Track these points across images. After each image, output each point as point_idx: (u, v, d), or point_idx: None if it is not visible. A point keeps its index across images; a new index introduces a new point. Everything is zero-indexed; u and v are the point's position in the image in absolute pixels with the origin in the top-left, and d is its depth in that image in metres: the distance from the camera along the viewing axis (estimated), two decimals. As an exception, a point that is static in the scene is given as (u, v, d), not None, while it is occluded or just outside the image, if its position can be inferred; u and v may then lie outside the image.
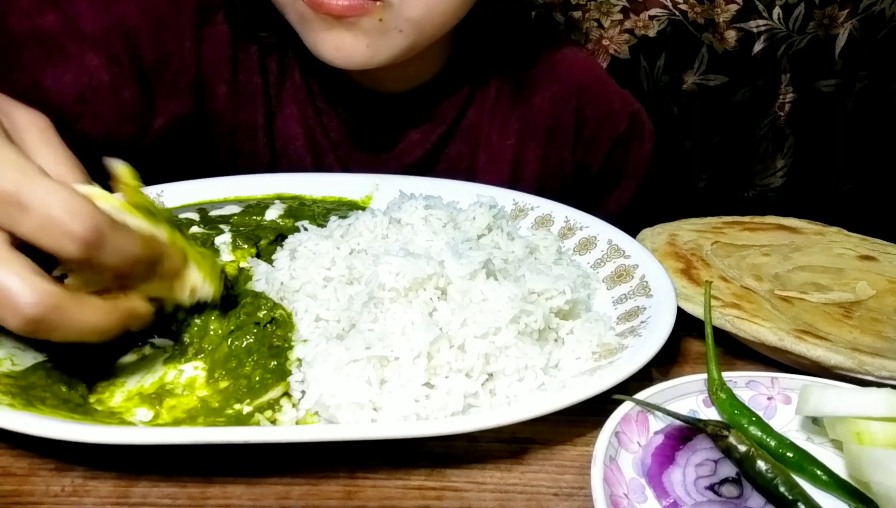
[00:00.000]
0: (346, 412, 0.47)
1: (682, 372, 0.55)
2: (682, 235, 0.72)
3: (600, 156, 0.91)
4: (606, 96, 0.91)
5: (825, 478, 0.45)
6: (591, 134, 0.90)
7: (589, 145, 0.90)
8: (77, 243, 0.41)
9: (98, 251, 0.42)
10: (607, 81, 0.93)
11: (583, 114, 0.89)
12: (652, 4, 1.25)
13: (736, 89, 1.31)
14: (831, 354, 0.54)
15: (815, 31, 1.28)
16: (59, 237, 0.40)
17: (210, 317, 0.55)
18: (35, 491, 0.44)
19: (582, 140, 0.90)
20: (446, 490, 0.46)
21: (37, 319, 0.41)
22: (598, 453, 0.44)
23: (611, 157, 0.91)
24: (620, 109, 0.91)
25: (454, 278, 0.53)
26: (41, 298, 0.40)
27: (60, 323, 0.42)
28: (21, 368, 0.50)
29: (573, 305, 0.57)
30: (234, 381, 0.51)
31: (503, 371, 0.50)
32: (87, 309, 0.43)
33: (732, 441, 0.45)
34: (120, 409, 0.48)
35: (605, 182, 0.90)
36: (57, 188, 0.41)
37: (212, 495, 0.44)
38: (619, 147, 0.91)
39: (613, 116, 0.90)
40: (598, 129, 0.90)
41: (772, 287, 0.64)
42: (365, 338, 0.50)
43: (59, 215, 0.40)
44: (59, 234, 0.40)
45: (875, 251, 0.71)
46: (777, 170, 1.40)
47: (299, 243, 0.61)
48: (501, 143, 0.87)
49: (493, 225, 0.66)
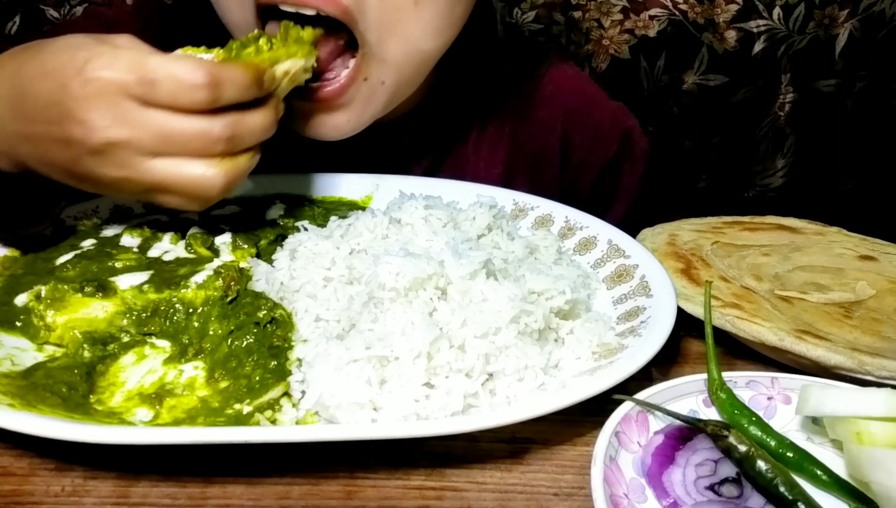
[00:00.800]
0: (346, 412, 0.47)
1: (682, 372, 0.55)
2: (682, 235, 0.72)
3: (588, 181, 0.89)
4: (595, 118, 0.89)
5: (825, 478, 0.45)
6: (580, 160, 0.88)
7: (577, 172, 0.89)
8: (204, 89, 0.51)
9: (220, 90, 0.52)
10: (597, 100, 0.91)
11: (570, 139, 0.87)
12: (652, 4, 1.25)
13: (736, 89, 1.31)
14: (831, 354, 0.54)
15: (816, 31, 1.28)
16: (189, 91, 0.51)
17: (210, 317, 0.55)
18: (35, 491, 0.44)
19: (570, 167, 0.88)
20: (446, 490, 0.46)
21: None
22: (598, 453, 0.44)
23: (600, 181, 0.89)
24: (611, 130, 0.88)
25: (454, 278, 0.53)
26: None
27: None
28: (21, 368, 0.51)
29: (573, 305, 0.57)
30: (234, 381, 0.51)
31: (503, 371, 0.50)
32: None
33: (732, 441, 0.45)
34: (120, 409, 0.48)
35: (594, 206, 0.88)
36: (167, 58, 0.52)
37: (212, 495, 0.44)
38: (609, 171, 0.89)
39: (603, 139, 0.88)
40: (586, 154, 0.88)
41: (772, 287, 0.64)
42: (365, 338, 0.50)
43: (182, 74, 0.51)
44: (188, 88, 0.51)
45: (875, 251, 0.71)
46: (777, 170, 1.40)
47: (299, 243, 0.61)
48: (489, 172, 0.86)
49: (493, 225, 0.66)
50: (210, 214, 0.71)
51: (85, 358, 0.52)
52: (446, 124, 0.86)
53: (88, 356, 0.52)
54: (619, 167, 0.89)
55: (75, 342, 0.53)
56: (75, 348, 0.52)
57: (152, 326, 0.55)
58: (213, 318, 0.55)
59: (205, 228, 0.65)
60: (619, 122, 0.89)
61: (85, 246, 0.63)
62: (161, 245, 0.63)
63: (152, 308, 0.55)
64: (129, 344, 0.54)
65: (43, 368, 0.50)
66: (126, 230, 0.65)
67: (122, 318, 0.55)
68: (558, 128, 0.87)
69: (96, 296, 0.55)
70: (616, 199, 0.91)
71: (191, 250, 0.62)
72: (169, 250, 0.62)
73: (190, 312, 0.55)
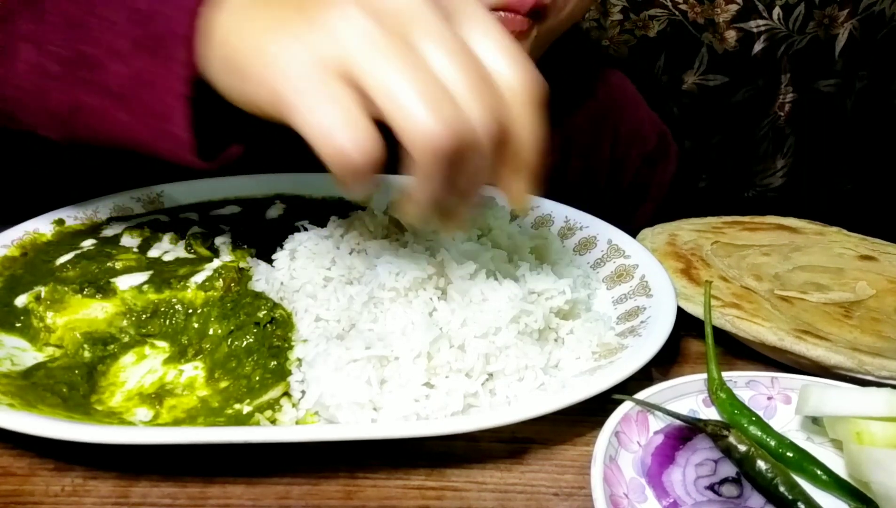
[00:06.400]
0: (346, 412, 0.47)
1: (682, 372, 0.55)
2: (682, 235, 0.72)
3: (630, 173, 0.94)
4: (638, 115, 0.95)
5: (825, 478, 0.45)
6: (623, 151, 0.93)
7: (620, 162, 0.94)
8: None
9: None
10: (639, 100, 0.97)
11: (617, 131, 0.92)
12: (652, 4, 1.25)
13: (736, 89, 1.31)
14: (831, 354, 0.54)
15: (815, 31, 1.28)
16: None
17: (210, 317, 0.55)
18: (35, 491, 0.44)
19: (615, 155, 0.93)
20: (446, 490, 0.46)
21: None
22: (598, 453, 0.44)
23: (640, 174, 0.95)
24: (650, 127, 0.95)
25: (454, 278, 0.53)
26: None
27: None
28: (21, 368, 0.51)
29: (573, 305, 0.57)
30: (234, 381, 0.51)
31: (503, 371, 0.50)
32: None
33: (732, 441, 0.45)
34: (120, 409, 0.48)
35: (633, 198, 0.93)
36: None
37: (212, 495, 0.44)
38: (648, 165, 0.95)
39: (643, 135, 0.94)
40: (628, 147, 0.93)
41: (772, 287, 0.64)
42: (365, 338, 0.50)
43: None
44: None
45: (875, 251, 0.71)
46: (777, 170, 1.40)
47: (299, 243, 0.61)
48: (543, 159, 0.88)
49: (493, 225, 0.66)
50: (210, 214, 0.71)
51: (85, 358, 0.52)
52: None
53: (89, 356, 0.52)
54: (655, 163, 0.96)
55: (75, 342, 0.53)
56: (75, 348, 0.52)
57: (152, 326, 0.55)
58: (213, 318, 0.55)
59: (205, 228, 0.65)
60: (656, 123, 0.97)
61: (85, 246, 0.63)
62: (161, 245, 0.63)
63: (152, 309, 0.55)
64: (129, 344, 0.54)
65: (43, 368, 0.50)
66: (126, 230, 0.65)
67: (122, 319, 0.55)
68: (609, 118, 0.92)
69: (96, 297, 0.55)
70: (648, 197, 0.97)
71: (191, 250, 0.62)
72: (169, 251, 0.62)
73: (190, 312, 0.55)
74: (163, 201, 0.73)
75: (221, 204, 0.73)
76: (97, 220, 0.69)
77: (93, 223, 0.68)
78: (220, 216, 0.70)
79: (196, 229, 0.65)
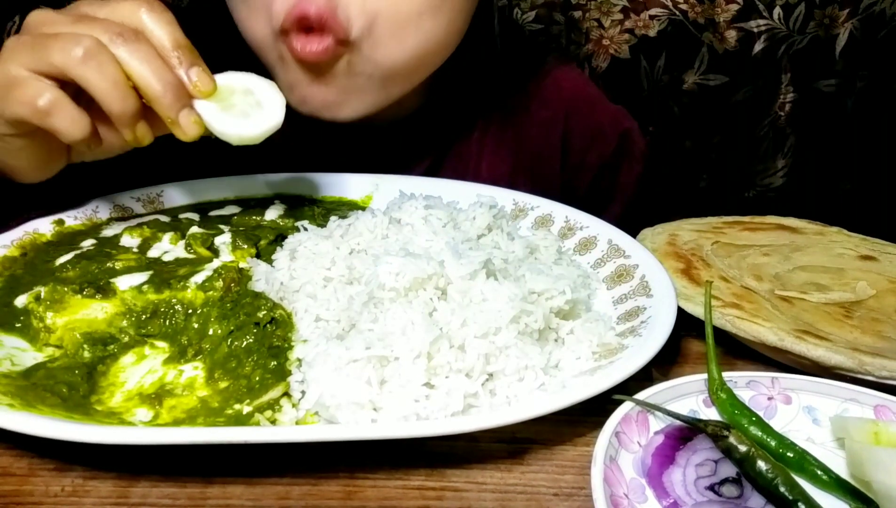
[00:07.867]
0: (346, 412, 0.47)
1: (682, 372, 0.55)
2: (682, 235, 0.72)
3: (586, 180, 0.90)
4: (594, 118, 0.90)
5: (825, 478, 0.45)
6: (578, 159, 0.89)
7: (576, 170, 0.90)
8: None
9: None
10: (597, 101, 0.92)
11: (570, 139, 0.88)
12: (652, 4, 1.24)
13: (736, 89, 1.31)
14: (831, 354, 0.54)
15: (816, 31, 1.27)
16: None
17: (210, 317, 0.55)
18: (35, 491, 0.44)
19: (569, 165, 0.90)
20: (446, 490, 0.46)
21: None
22: (599, 453, 0.44)
23: (598, 180, 0.90)
24: (610, 130, 0.89)
25: (454, 278, 0.53)
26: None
27: None
28: (21, 368, 0.51)
29: (573, 305, 0.57)
30: (233, 381, 0.51)
31: (503, 371, 0.50)
32: None
33: (732, 441, 0.45)
34: (120, 409, 0.48)
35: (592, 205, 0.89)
36: None
37: (212, 495, 0.44)
38: (607, 170, 0.90)
39: (601, 139, 0.89)
40: (584, 154, 0.89)
41: (772, 287, 0.63)
42: (365, 338, 0.50)
43: None
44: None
45: (875, 251, 0.71)
46: (777, 170, 1.40)
47: (299, 243, 0.61)
48: (491, 172, 0.87)
49: (493, 225, 0.66)
50: (210, 214, 0.71)
51: (85, 359, 0.52)
52: (447, 125, 0.86)
53: (88, 356, 0.52)
54: (616, 167, 0.90)
55: (75, 343, 0.53)
56: (75, 349, 0.52)
57: (152, 327, 0.55)
58: (213, 318, 0.55)
59: (205, 228, 0.65)
60: (617, 123, 0.90)
61: (85, 246, 0.63)
62: (161, 245, 0.63)
63: (152, 309, 0.55)
64: (129, 345, 0.54)
65: (43, 368, 0.50)
66: (126, 230, 0.65)
67: (122, 319, 0.55)
68: (559, 128, 0.88)
69: (96, 297, 0.55)
70: (613, 198, 0.92)
71: (191, 250, 0.62)
72: (169, 251, 0.62)
73: (190, 312, 0.55)
74: (163, 201, 0.73)
75: (221, 204, 0.73)
76: (97, 220, 0.69)
77: (93, 223, 0.68)
78: (220, 216, 0.71)
79: (196, 229, 0.65)
